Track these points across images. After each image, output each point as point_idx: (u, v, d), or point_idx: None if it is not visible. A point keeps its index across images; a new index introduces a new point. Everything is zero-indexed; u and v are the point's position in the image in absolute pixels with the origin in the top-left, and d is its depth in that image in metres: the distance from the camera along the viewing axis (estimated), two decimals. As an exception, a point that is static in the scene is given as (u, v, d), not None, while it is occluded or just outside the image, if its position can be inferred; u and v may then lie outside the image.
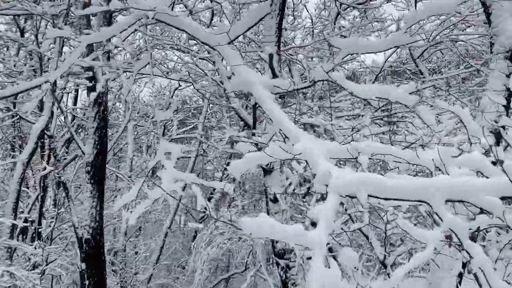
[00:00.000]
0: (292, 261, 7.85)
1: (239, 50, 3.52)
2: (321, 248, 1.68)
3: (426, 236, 1.86)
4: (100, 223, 7.94)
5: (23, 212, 11.51)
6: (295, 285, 7.83)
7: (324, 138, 4.89)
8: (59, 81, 9.30)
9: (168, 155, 3.23)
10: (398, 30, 10.63)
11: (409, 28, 3.32)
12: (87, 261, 8.00)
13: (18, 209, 10.39)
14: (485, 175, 2.21)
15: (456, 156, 2.25)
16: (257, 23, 3.51)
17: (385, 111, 9.52)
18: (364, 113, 9.14)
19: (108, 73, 4.70)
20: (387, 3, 11.92)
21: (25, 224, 10.42)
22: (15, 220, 9.42)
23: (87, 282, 8.00)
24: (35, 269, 10.41)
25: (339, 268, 1.63)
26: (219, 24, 3.36)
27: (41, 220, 12.37)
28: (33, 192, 12.11)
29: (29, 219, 11.65)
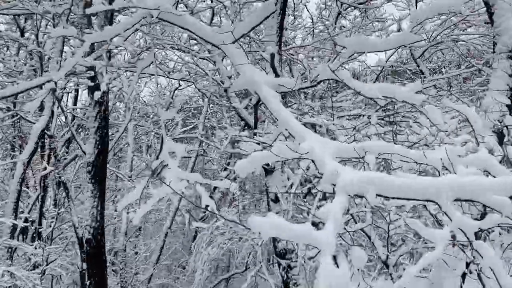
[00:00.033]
0: (293, 261, 7.84)
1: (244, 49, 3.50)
2: (330, 248, 1.68)
3: (435, 235, 1.86)
4: (101, 223, 7.93)
5: (23, 212, 11.50)
6: (297, 285, 7.82)
7: (326, 138, 4.87)
8: (60, 80, 9.28)
9: (172, 154, 3.23)
10: (399, 30, 10.63)
11: (415, 27, 3.31)
12: (88, 261, 7.98)
13: (18, 209, 10.38)
14: (492, 174, 2.21)
15: (463, 155, 2.25)
16: (262, 22, 3.50)
17: (386, 111, 9.52)
18: (365, 113, 9.13)
19: (109, 73, 4.69)
20: (388, 3, 11.90)
21: (25, 224, 10.41)
22: (15, 220, 9.41)
23: (88, 282, 7.98)
24: (35, 269, 10.40)
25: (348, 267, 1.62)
26: (225, 23, 3.35)
27: (41, 220, 12.36)
28: (34, 192, 12.09)
29: (30, 219, 11.64)
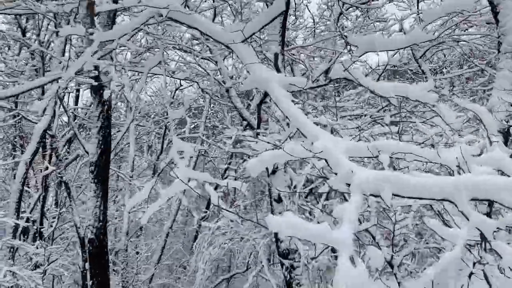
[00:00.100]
0: (296, 261, 7.84)
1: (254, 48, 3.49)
2: (347, 247, 1.67)
3: (454, 235, 1.85)
4: (103, 223, 7.91)
5: (24, 212, 11.48)
6: (300, 285, 7.81)
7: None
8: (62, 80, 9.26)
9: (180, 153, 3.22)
10: (401, 30, 10.61)
11: (426, 25, 3.30)
12: (90, 261, 7.96)
13: (20, 209, 10.37)
14: (507, 173, 2.20)
15: (477, 155, 2.24)
16: (272, 21, 3.49)
17: (387, 111, 9.51)
18: (367, 113, 9.12)
19: (118, 72, 4.68)
20: (389, 3, 11.89)
21: (27, 224, 10.40)
22: (17, 219, 9.40)
23: (91, 282, 7.96)
24: (36, 268, 10.39)
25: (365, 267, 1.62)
26: (235, 23, 3.34)
27: (43, 220, 12.35)
28: (35, 192, 12.08)
29: (31, 219, 11.63)
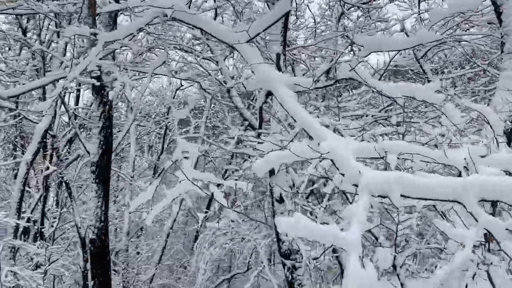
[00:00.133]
0: (298, 262, 7.83)
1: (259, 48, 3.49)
2: (356, 248, 1.66)
3: (464, 236, 1.84)
4: (105, 223, 7.89)
5: (25, 212, 11.48)
6: (302, 286, 7.80)
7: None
8: (62, 80, 9.27)
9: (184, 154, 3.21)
10: (402, 30, 10.61)
11: (433, 25, 3.29)
12: (92, 261, 7.95)
13: (21, 209, 10.37)
14: (513, 174, 2.19)
15: (484, 155, 2.24)
16: (277, 21, 3.48)
17: (389, 111, 9.50)
18: (369, 113, 9.11)
19: (122, 72, 4.68)
20: (390, 3, 11.88)
21: (28, 224, 10.40)
22: (19, 220, 9.39)
23: (92, 282, 7.95)
24: (37, 269, 10.38)
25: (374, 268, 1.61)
26: (240, 23, 3.33)
27: (44, 220, 12.34)
28: (36, 192, 12.07)
29: (32, 219, 11.62)
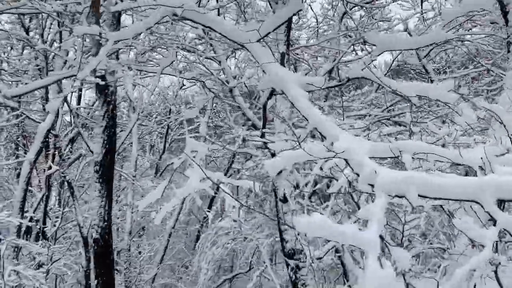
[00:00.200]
0: (302, 262, 7.82)
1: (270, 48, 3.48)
2: (374, 248, 1.65)
3: (483, 236, 1.83)
4: (108, 222, 7.89)
5: (27, 211, 11.46)
6: (305, 286, 7.79)
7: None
8: (65, 80, 9.28)
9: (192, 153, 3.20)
10: (405, 29, 10.60)
11: (446, 25, 3.28)
12: (95, 260, 7.95)
13: (24, 208, 10.36)
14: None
15: (499, 155, 2.23)
16: (287, 20, 3.47)
17: (391, 111, 9.49)
18: (372, 113, 9.11)
19: (130, 72, 4.67)
20: (393, 2, 11.86)
21: (31, 223, 10.38)
22: (22, 219, 9.39)
23: (95, 281, 7.95)
24: (39, 268, 10.37)
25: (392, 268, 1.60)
26: (250, 22, 3.32)
27: (46, 219, 12.33)
28: (38, 191, 12.07)
29: (34, 218, 11.61)
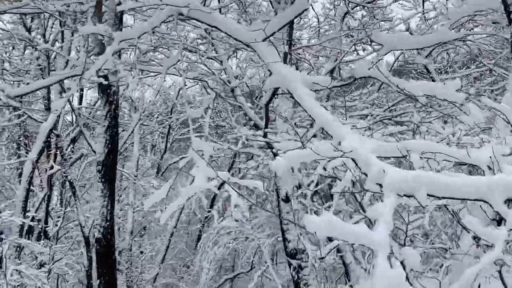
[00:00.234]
0: (304, 261, 7.82)
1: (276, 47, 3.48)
2: (384, 248, 1.65)
3: (494, 235, 1.83)
4: (111, 222, 7.89)
5: (29, 211, 11.47)
6: (308, 285, 7.79)
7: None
8: (68, 80, 9.28)
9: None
10: (407, 29, 10.58)
11: (452, 24, 3.28)
12: (98, 260, 7.95)
13: (26, 208, 10.37)
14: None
15: (507, 155, 2.23)
16: (293, 20, 3.47)
17: (393, 111, 9.48)
18: (374, 113, 9.10)
19: (133, 72, 4.68)
20: (394, 2, 11.84)
21: (33, 223, 10.39)
22: (24, 218, 9.39)
23: (98, 281, 7.95)
24: (41, 267, 10.38)
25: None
26: (255, 21, 3.32)
27: (48, 219, 12.34)
28: (40, 191, 12.07)
29: (36, 218, 11.62)
